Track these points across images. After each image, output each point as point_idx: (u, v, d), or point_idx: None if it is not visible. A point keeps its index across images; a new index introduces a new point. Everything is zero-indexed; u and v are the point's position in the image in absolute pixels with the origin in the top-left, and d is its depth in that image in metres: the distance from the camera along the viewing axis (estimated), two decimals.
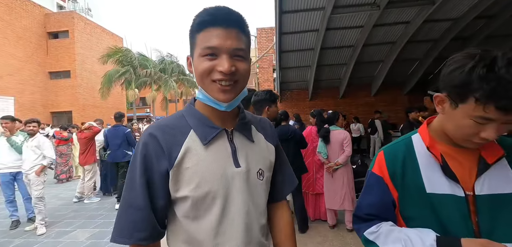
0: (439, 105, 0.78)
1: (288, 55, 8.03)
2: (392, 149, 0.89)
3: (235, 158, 0.75)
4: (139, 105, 27.39)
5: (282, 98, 10.51)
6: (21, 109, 16.59)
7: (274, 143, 0.90)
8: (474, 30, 7.19)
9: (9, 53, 16.79)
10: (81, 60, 20.03)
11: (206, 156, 0.72)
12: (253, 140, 0.82)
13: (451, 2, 5.88)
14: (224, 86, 0.69)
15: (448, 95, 0.74)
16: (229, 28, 0.68)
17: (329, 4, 5.51)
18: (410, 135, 0.90)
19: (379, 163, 0.88)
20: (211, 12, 0.69)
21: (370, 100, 10.40)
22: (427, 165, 0.81)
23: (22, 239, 3.86)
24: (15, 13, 17.49)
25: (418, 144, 0.85)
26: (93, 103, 20.62)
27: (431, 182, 0.79)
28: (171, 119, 0.77)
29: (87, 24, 21.46)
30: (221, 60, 0.68)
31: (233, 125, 0.80)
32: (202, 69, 0.69)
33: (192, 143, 0.72)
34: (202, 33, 0.69)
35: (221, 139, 0.76)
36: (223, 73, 0.67)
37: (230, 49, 0.68)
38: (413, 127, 4.62)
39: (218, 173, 0.72)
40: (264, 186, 0.82)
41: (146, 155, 0.70)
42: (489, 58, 0.65)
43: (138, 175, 0.69)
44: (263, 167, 0.81)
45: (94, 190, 6.08)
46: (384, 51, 8.11)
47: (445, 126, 0.79)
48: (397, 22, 6.61)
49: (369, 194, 0.89)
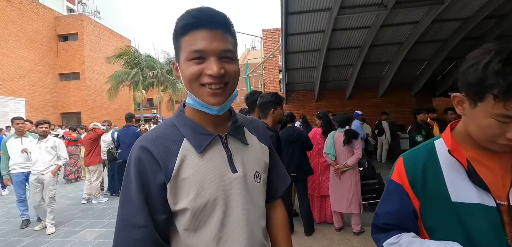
0: (459, 106, 0.74)
1: (294, 56, 8.01)
2: (412, 155, 0.84)
3: (231, 163, 0.74)
4: (146, 106, 27.69)
5: (288, 99, 10.48)
6: (32, 111, 16.98)
7: (268, 144, 0.89)
8: (485, 30, 7.05)
9: (21, 56, 17.21)
10: (90, 62, 20.39)
11: (202, 164, 0.70)
12: (247, 143, 0.80)
13: (460, 2, 5.77)
14: (214, 90, 0.67)
15: (466, 95, 0.70)
16: (215, 30, 0.67)
17: (336, 5, 5.47)
18: (433, 140, 0.84)
19: (398, 170, 0.84)
20: (195, 14, 0.66)
21: (377, 101, 10.28)
22: (452, 171, 0.75)
23: (31, 238, 3.94)
24: (27, 16, 17.92)
25: (441, 149, 0.79)
26: (101, 104, 20.95)
27: (456, 189, 0.73)
28: (162, 129, 0.74)
29: (96, 26, 21.84)
30: (209, 63, 0.66)
31: (226, 129, 0.78)
32: (190, 74, 0.67)
33: (187, 153, 0.70)
34: (187, 37, 0.67)
35: (215, 145, 0.74)
36: (213, 77, 0.66)
37: (218, 51, 0.66)
38: (421, 128, 4.53)
39: (216, 181, 0.70)
40: (262, 188, 0.81)
41: (140, 170, 0.67)
42: (505, 52, 0.62)
43: (135, 191, 0.66)
44: (259, 169, 0.81)
45: (102, 190, 6.17)
46: (391, 52, 8.01)
47: (468, 127, 0.74)
48: (405, 22, 6.53)
49: (388, 203, 0.84)
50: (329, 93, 10.35)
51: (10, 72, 16.46)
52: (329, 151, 3.59)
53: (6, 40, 16.37)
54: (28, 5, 18.14)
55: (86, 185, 5.79)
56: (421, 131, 4.47)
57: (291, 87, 10.17)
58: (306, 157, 3.67)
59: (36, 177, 4.07)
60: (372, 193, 4.41)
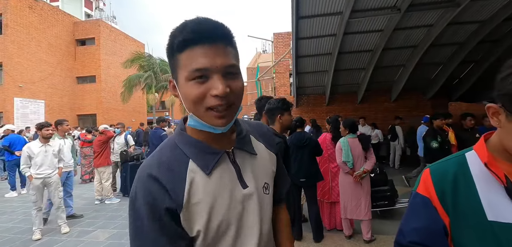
0: (494, 117, 0.68)
1: (304, 60, 7.96)
2: (440, 166, 0.76)
3: (241, 179, 0.70)
4: (159, 109, 28.22)
5: (298, 103, 10.43)
6: (50, 112, 17.67)
7: (275, 151, 0.86)
8: (504, 32, 6.76)
9: (41, 59, 17.98)
10: (105, 65, 21.03)
11: (211, 186, 0.66)
12: (255, 153, 0.76)
13: (478, 4, 5.57)
14: (221, 112, 0.62)
15: (503, 106, 0.64)
16: (216, 44, 0.61)
17: (347, 8, 5.41)
18: (464, 152, 0.77)
19: (424, 182, 0.76)
20: (193, 28, 0.60)
21: (390, 105, 10.05)
22: (487, 187, 0.68)
23: (46, 237, 4.08)
24: (48, 22, 18.72)
25: (474, 162, 0.72)
26: (115, 106, 21.53)
27: (494, 207, 0.65)
28: (165, 152, 0.69)
29: (112, 31, 22.53)
30: (213, 82, 0.60)
31: (232, 143, 0.73)
32: (193, 96, 0.61)
33: (194, 175, 0.65)
34: (186, 54, 0.61)
35: (223, 163, 0.69)
36: (219, 97, 0.60)
37: (221, 68, 0.61)
38: (437, 134, 4.39)
39: (227, 201, 0.67)
40: (270, 199, 0.79)
41: (151, 202, 0.61)
42: None
43: (148, 226, 0.61)
44: (267, 180, 0.78)
45: (114, 191, 6.32)
46: (405, 55, 7.81)
47: (503, 141, 0.68)
48: (419, 25, 6.36)
49: (413, 218, 0.75)
50: (340, 97, 10.21)
51: (32, 75, 17.20)
52: (348, 158, 3.46)
53: (28, 45, 17.15)
54: (49, 11, 18.95)
55: (95, 185, 5.95)
56: (437, 137, 4.33)
57: (301, 91, 10.11)
58: (315, 162, 3.63)
59: (42, 180, 4.05)
60: (383, 200, 4.31)
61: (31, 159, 4.03)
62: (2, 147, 7.40)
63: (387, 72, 8.79)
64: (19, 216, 5.19)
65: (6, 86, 15.95)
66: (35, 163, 4.03)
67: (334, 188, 3.93)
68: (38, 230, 4.04)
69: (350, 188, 3.51)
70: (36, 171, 4.02)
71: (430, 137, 4.40)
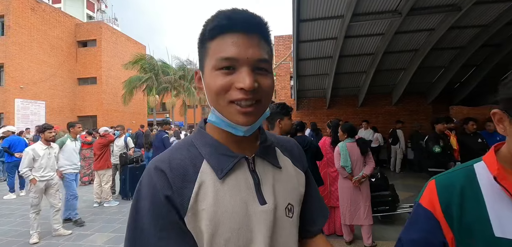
0: (499, 124, 0.67)
1: (305, 63, 7.95)
2: (447, 178, 0.73)
3: (258, 192, 0.61)
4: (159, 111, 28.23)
5: (299, 106, 10.40)
6: (51, 113, 17.71)
7: (304, 169, 0.74)
8: (506, 36, 6.74)
9: (43, 61, 18.03)
10: (107, 67, 21.08)
11: (223, 193, 0.58)
12: (280, 166, 0.67)
13: (479, 8, 5.57)
14: (244, 108, 0.56)
15: (506, 112, 0.64)
16: (250, 34, 0.56)
17: (348, 12, 5.40)
18: (472, 163, 0.73)
19: (429, 194, 0.73)
20: (228, 14, 0.56)
21: (391, 109, 10.02)
22: (496, 200, 0.65)
23: (44, 241, 4.05)
24: (50, 23, 18.80)
25: (483, 174, 0.69)
26: (116, 108, 21.56)
27: (502, 223, 0.63)
28: (178, 149, 0.62)
29: (113, 33, 22.61)
30: (240, 75, 0.55)
31: (254, 150, 0.65)
32: (217, 86, 0.56)
33: (206, 177, 0.58)
34: (216, 41, 0.56)
35: (240, 169, 0.61)
36: (244, 91, 0.54)
37: (252, 61, 0.55)
38: (439, 139, 4.35)
39: (238, 215, 0.57)
40: (295, 224, 0.66)
41: (154, 200, 0.55)
42: None
43: (151, 229, 0.54)
44: (292, 201, 0.66)
45: (113, 194, 6.29)
46: (406, 59, 7.80)
47: (510, 148, 0.66)
48: (420, 29, 6.35)
49: (413, 229, 0.74)
50: (341, 100, 10.19)
51: (33, 76, 17.25)
52: (346, 163, 3.45)
53: (30, 46, 17.20)
54: (51, 13, 19.03)
55: (94, 187, 5.92)
56: (439, 142, 4.29)
57: (302, 94, 10.09)
58: (316, 167, 3.59)
59: (45, 183, 4.05)
60: (384, 205, 4.26)
61: (35, 161, 3.98)
62: (1, 148, 7.39)
63: (388, 75, 8.77)
64: (17, 218, 5.16)
65: (7, 87, 15.98)
66: (39, 166, 3.99)
67: (333, 193, 3.90)
68: (35, 233, 4.00)
69: (349, 193, 3.48)
70: (40, 174, 3.99)
71: (432, 141, 4.36)
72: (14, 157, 6.90)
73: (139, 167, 6.49)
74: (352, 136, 3.58)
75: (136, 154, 6.79)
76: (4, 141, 7.30)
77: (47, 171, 4.06)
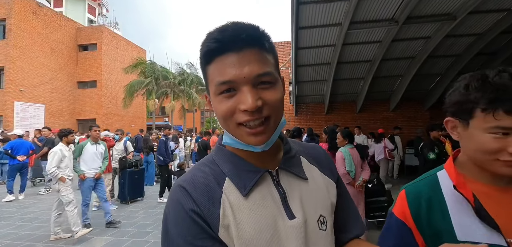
0: (454, 132, 0.74)
1: (304, 69, 8.04)
2: (415, 187, 0.78)
3: (286, 206, 0.58)
4: (159, 115, 28.28)
5: (298, 111, 10.49)
6: (50, 116, 17.73)
7: (334, 177, 0.70)
8: (500, 45, 6.86)
9: (43, 64, 18.12)
10: (107, 71, 21.18)
11: (249, 211, 0.55)
12: (306, 177, 0.63)
13: (474, 17, 5.68)
14: (253, 128, 0.53)
15: (456, 117, 0.72)
16: (244, 50, 0.52)
17: (346, 20, 5.50)
18: (436, 171, 0.79)
19: (400, 204, 0.78)
20: (216, 36, 0.52)
21: (389, 115, 10.10)
22: (458, 207, 0.70)
23: (44, 244, 4.07)
24: (51, 27, 18.93)
25: (446, 182, 0.74)
26: (115, 111, 21.61)
27: (463, 228, 0.68)
28: (201, 168, 0.61)
29: (114, 37, 22.75)
30: (241, 95, 0.52)
31: (277, 163, 0.62)
32: (222, 112, 0.54)
33: (230, 195, 0.56)
34: (213, 66, 0.54)
35: (264, 184, 0.58)
36: (248, 113, 0.52)
37: (251, 78, 0.52)
38: (434, 146, 4.42)
39: (267, 232, 0.54)
40: (330, 237, 0.62)
41: (180, 215, 0.54)
42: (479, 74, 0.68)
43: (181, 242, 0.53)
44: (324, 213, 0.62)
45: (112, 198, 6.31)
46: (403, 66, 7.91)
47: (468, 153, 0.72)
48: (416, 37, 6.46)
49: (388, 238, 0.78)
50: (340, 106, 10.28)
51: (33, 79, 17.31)
52: (351, 168, 3.50)
53: (31, 49, 17.30)
54: (52, 17, 19.18)
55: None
56: (434, 149, 4.35)
57: (301, 100, 10.18)
58: None
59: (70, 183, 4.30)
60: (381, 211, 4.31)
61: (61, 161, 4.18)
62: (3, 151, 7.41)
63: (386, 82, 8.87)
64: (16, 221, 5.18)
65: (7, 90, 16.04)
66: (66, 165, 4.24)
67: None
68: (80, 227, 4.13)
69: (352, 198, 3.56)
70: (66, 173, 4.21)
71: (427, 148, 4.42)
72: (16, 160, 6.91)
73: (138, 171, 6.53)
74: (351, 141, 3.65)
75: (135, 158, 6.82)
76: (7, 144, 7.32)
77: (69, 170, 4.30)
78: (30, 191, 7.66)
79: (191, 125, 26.67)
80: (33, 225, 4.91)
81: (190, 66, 23.79)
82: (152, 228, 4.63)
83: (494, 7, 5.41)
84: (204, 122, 38.57)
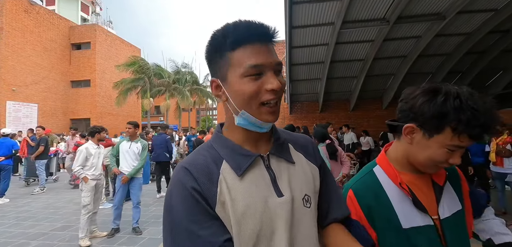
0: (408, 135, 0.78)
1: (298, 68, 8.14)
2: (362, 184, 0.85)
3: (275, 186, 0.66)
4: (154, 114, 28.13)
5: (292, 110, 10.59)
6: (43, 116, 17.54)
7: (317, 163, 0.78)
8: (489, 44, 7.05)
9: (36, 63, 17.89)
10: (101, 70, 21.01)
11: (243, 189, 0.63)
12: (293, 161, 0.72)
13: (463, 17, 5.82)
14: (273, 107, 0.64)
15: (420, 126, 0.74)
16: (267, 43, 0.64)
17: (338, 19, 5.59)
18: (371, 168, 0.87)
19: (351, 205, 0.81)
20: (247, 26, 0.63)
21: (381, 113, 10.27)
22: (398, 199, 0.79)
23: (39, 241, 4.09)
24: (43, 26, 18.70)
25: (383, 177, 0.83)
26: (110, 111, 21.45)
27: (406, 217, 0.77)
28: (201, 152, 0.70)
29: (108, 36, 22.56)
30: (267, 78, 0.62)
31: (268, 149, 0.71)
32: (250, 91, 0.62)
33: (227, 176, 0.64)
34: (240, 51, 0.62)
35: (256, 167, 0.67)
36: (274, 92, 0.62)
37: (274, 65, 0.63)
38: None
39: (259, 208, 0.62)
40: (313, 214, 0.71)
41: (183, 192, 0.61)
42: (454, 91, 0.70)
43: (183, 216, 0.60)
44: (309, 192, 0.71)
45: (107, 196, 6.32)
46: (395, 65, 8.06)
47: (412, 155, 0.79)
48: (407, 36, 6.59)
49: None
50: (334, 104, 10.41)
51: (25, 79, 17.10)
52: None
53: (23, 48, 17.08)
54: (45, 15, 18.94)
55: None
56: None
57: (295, 98, 10.28)
58: None
59: (96, 182, 4.10)
60: None
61: (87, 160, 4.03)
62: None
63: (378, 81, 9.02)
64: (11, 220, 5.17)
65: None
66: (91, 164, 4.05)
67: None
68: (86, 237, 3.87)
69: None
70: (91, 172, 4.03)
71: None
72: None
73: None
74: (322, 140, 3.80)
75: None
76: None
77: (96, 170, 4.14)
78: (24, 191, 7.62)
79: (186, 124, 26.62)
80: (27, 223, 4.90)
81: (185, 66, 23.72)
82: (147, 225, 4.66)
83: (482, 7, 5.56)
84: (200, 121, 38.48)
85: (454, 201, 0.82)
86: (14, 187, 7.85)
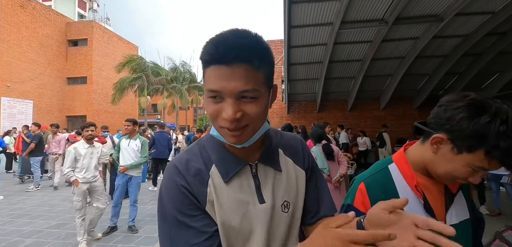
0: (435, 145, 0.74)
1: (296, 68, 8.14)
2: (373, 179, 0.83)
3: (259, 193, 0.69)
4: (151, 112, 27.99)
5: (290, 109, 10.59)
6: (39, 113, 17.36)
7: (305, 166, 0.79)
8: (486, 46, 7.10)
9: (31, 59, 17.69)
10: (97, 67, 20.84)
11: (227, 194, 0.67)
12: (280, 169, 0.74)
13: (460, 19, 5.86)
14: (232, 132, 0.60)
15: (451, 140, 0.70)
16: (234, 66, 0.56)
17: (337, 19, 5.60)
18: (386, 164, 0.85)
19: (361, 197, 0.81)
20: (210, 49, 0.57)
21: (379, 114, 10.32)
22: (409, 200, 0.75)
23: (33, 239, 4.04)
24: (39, 21, 18.49)
25: (397, 176, 0.81)
26: (106, 108, 21.29)
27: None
28: (193, 151, 0.72)
29: (105, 32, 22.37)
30: (225, 105, 0.58)
31: (258, 156, 0.73)
32: (209, 112, 0.62)
33: (215, 178, 0.68)
34: (207, 72, 0.59)
35: (243, 174, 0.70)
36: (228, 121, 0.58)
37: (235, 93, 0.57)
38: None
39: (240, 213, 0.66)
40: (290, 218, 0.73)
41: (174, 189, 0.65)
42: (504, 114, 0.64)
43: (173, 210, 0.64)
44: (289, 198, 0.73)
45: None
46: (393, 66, 8.09)
47: (432, 164, 0.76)
48: (405, 37, 6.62)
49: None
50: (331, 104, 10.43)
51: (20, 75, 16.90)
52: (324, 165, 3.63)
53: (18, 44, 16.88)
54: (41, 11, 18.73)
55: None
56: None
57: (293, 98, 10.28)
58: None
59: (88, 185, 3.77)
60: None
61: (77, 161, 3.71)
62: None
63: (376, 81, 9.05)
64: (4, 218, 5.10)
65: None
66: (82, 166, 3.72)
67: None
68: (84, 241, 3.71)
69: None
70: (82, 175, 3.71)
71: None
72: None
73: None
74: (319, 141, 3.79)
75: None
76: None
77: (88, 172, 3.78)
78: (18, 188, 7.53)
79: (183, 123, 26.52)
80: (22, 221, 4.84)
81: (183, 64, 23.61)
82: (143, 223, 4.63)
83: (479, 9, 5.60)
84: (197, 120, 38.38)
85: (463, 209, 0.82)
86: (8, 184, 7.77)
